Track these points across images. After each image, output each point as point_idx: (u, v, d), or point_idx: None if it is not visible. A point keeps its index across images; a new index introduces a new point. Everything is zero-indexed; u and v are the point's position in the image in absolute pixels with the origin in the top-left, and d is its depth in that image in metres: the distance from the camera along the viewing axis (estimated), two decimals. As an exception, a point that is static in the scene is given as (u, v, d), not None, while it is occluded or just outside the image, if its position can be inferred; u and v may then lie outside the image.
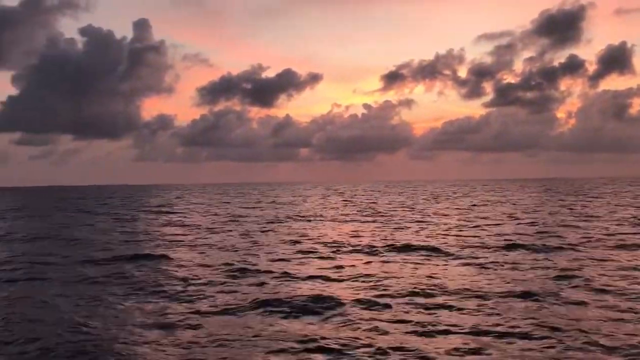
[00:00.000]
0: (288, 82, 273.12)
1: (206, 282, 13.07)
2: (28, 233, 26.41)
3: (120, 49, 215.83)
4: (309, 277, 13.40)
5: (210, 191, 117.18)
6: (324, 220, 31.29)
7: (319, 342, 8.36)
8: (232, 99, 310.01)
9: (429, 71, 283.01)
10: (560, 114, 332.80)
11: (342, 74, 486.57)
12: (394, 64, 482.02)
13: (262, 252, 18.27)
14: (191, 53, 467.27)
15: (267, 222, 30.47)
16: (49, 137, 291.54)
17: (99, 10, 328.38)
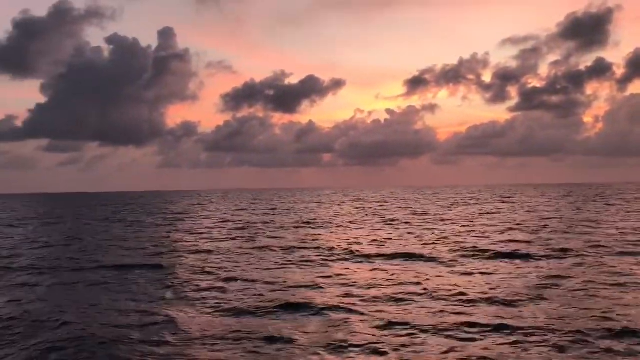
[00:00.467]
0: (311, 88, 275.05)
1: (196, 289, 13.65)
2: (45, 238, 27.49)
3: (146, 57, 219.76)
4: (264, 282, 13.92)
5: (232, 197, 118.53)
6: (330, 226, 31.69)
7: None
8: (255, 105, 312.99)
9: (452, 76, 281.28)
10: (587, 118, 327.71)
11: (365, 80, 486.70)
12: (417, 68, 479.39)
13: (254, 259, 18.81)
14: (215, 60, 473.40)
15: (277, 227, 31.10)
16: (76, 144, 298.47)
17: (124, 20, 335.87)
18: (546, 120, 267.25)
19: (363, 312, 10.89)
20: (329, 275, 15.20)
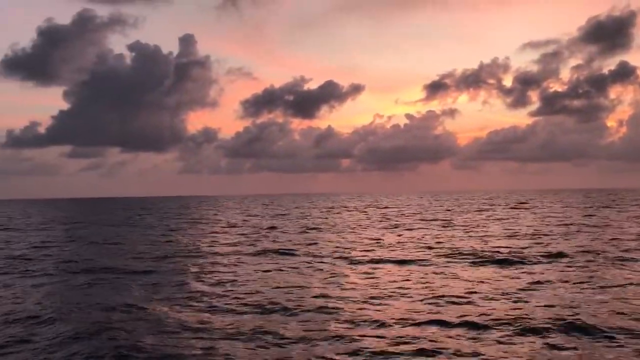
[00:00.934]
0: (330, 94, 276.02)
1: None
2: (62, 240, 28.59)
3: (167, 64, 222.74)
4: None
5: (248, 203, 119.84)
6: (334, 231, 32.23)
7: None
8: (274, 111, 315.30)
9: (473, 80, 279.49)
10: (611, 123, 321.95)
11: (384, 85, 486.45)
12: (437, 73, 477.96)
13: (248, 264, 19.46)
14: (235, 67, 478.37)
15: (281, 232, 31.78)
16: (98, 150, 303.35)
17: (146, 27, 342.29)
18: (568, 125, 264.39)
19: (340, 308, 11.46)
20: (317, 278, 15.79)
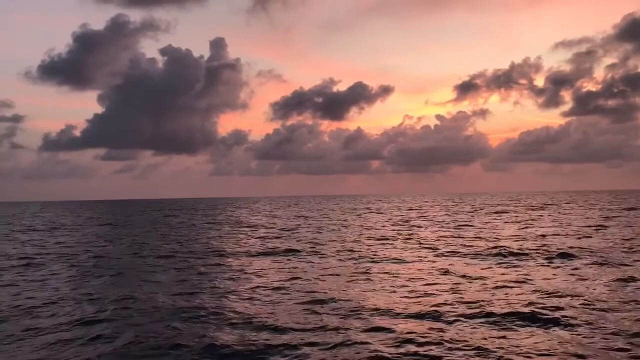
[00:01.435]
0: (359, 95, 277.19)
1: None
2: (90, 238, 30.65)
3: (198, 67, 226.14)
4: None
5: (274, 204, 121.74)
6: (346, 231, 33.47)
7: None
8: (304, 113, 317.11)
9: (504, 80, 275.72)
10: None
11: (413, 86, 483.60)
12: (467, 73, 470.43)
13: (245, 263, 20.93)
14: (265, 69, 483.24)
15: (293, 233, 33.23)
16: (131, 152, 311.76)
17: (178, 31, 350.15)
18: (602, 125, 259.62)
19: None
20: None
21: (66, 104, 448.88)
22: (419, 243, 26.02)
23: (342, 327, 10.55)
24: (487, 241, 25.85)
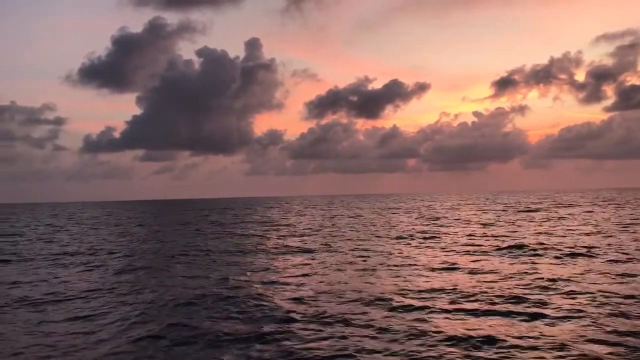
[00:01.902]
0: (394, 93, 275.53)
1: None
2: (131, 236, 32.25)
3: (234, 67, 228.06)
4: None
5: (308, 203, 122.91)
6: (365, 229, 34.02)
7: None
8: (339, 111, 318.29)
9: (543, 76, 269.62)
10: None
11: (450, 82, 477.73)
12: (505, 69, 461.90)
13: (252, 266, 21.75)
14: (300, 69, 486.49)
15: (313, 232, 33.98)
16: (169, 153, 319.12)
17: (214, 32, 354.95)
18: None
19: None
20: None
21: (106, 106, 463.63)
22: (433, 241, 26.38)
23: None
24: (504, 239, 25.99)
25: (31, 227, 51.16)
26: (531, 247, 22.12)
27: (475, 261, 19.08)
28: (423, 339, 9.74)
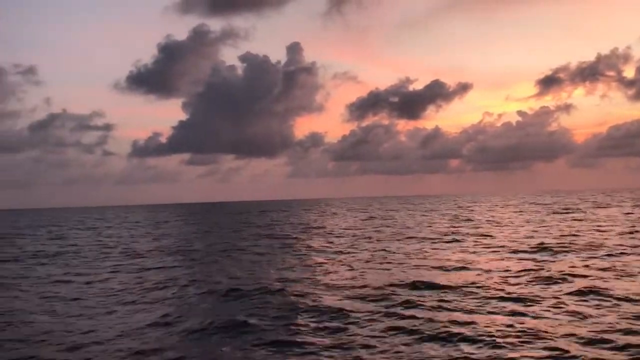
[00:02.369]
0: (436, 93, 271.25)
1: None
2: (176, 234, 34.62)
3: (276, 72, 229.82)
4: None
5: (348, 205, 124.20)
6: (394, 231, 35.15)
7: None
8: (379, 113, 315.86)
9: (589, 73, 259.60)
10: None
11: (493, 81, 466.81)
12: (549, 67, 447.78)
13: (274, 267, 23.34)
14: (340, 71, 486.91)
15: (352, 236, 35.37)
16: (213, 157, 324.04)
17: (256, 38, 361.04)
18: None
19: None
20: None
21: (153, 112, 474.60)
22: (461, 241, 27.36)
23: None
24: (530, 239, 26.74)
25: (101, 229, 54.68)
26: (551, 247, 22.86)
27: (491, 261, 20.11)
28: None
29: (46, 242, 38.31)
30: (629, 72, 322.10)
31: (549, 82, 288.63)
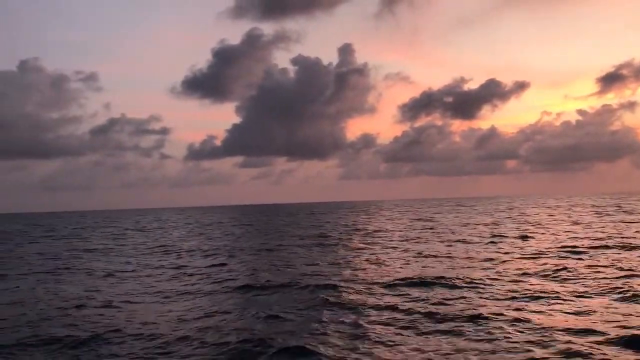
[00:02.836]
0: (492, 93, 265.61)
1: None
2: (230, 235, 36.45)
3: (327, 74, 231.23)
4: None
5: (400, 207, 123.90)
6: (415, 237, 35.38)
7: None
8: (433, 113, 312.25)
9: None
10: None
11: (551, 80, 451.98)
12: (611, 64, 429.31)
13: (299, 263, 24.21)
14: (392, 72, 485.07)
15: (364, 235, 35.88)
16: (266, 159, 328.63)
17: (307, 40, 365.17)
18: None
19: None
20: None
21: (207, 115, 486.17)
22: (497, 243, 27.49)
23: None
24: (567, 240, 26.55)
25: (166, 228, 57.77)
26: (579, 249, 22.81)
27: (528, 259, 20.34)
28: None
29: (138, 237, 41.00)
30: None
31: (611, 79, 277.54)
